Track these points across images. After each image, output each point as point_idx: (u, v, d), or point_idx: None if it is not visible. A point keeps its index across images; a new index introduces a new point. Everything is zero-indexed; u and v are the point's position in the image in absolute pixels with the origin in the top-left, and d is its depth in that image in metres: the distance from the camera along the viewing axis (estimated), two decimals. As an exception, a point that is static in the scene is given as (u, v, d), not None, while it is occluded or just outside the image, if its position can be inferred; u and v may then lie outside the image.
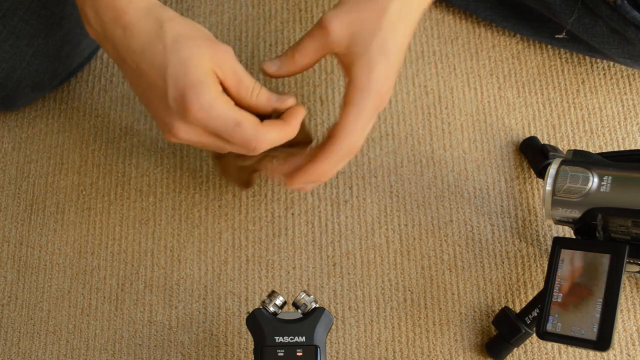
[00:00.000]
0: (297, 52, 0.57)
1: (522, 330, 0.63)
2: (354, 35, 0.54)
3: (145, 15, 0.53)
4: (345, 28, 0.54)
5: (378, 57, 0.54)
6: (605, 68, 0.77)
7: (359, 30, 0.54)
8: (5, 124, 0.79)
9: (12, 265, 0.73)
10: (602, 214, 0.55)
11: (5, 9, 0.67)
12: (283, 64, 0.58)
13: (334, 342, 0.68)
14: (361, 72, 0.54)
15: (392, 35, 0.55)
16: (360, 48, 0.54)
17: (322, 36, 0.55)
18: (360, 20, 0.54)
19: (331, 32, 0.54)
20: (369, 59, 0.54)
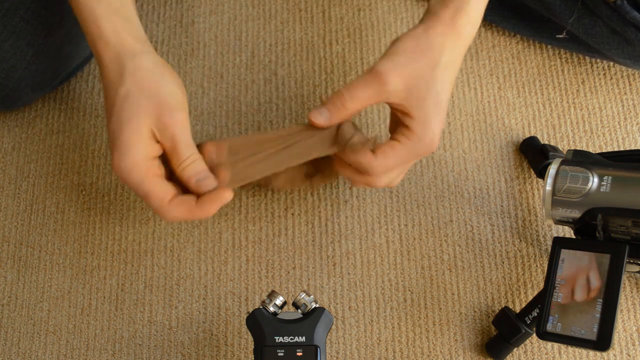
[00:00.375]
0: (349, 99, 0.57)
1: (522, 330, 0.63)
2: (410, 88, 0.56)
3: (115, 61, 0.56)
4: (402, 81, 0.55)
5: (433, 111, 0.56)
6: (605, 68, 0.77)
7: (416, 84, 0.56)
8: (5, 124, 0.79)
9: (12, 265, 0.73)
10: (602, 214, 0.55)
11: (5, 9, 0.67)
12: (333, 114, 0.58)
13: (334, 342, 0.68)
14: (417, 125, 0.57)
15: (443, 87, 0.57)
16: (416, 101, 0.56)
17: (379, 86, 0.56)
18: (416, 73, 0.56)
19: (388, 84, 0.55)
20: (425, 114, 0.56)
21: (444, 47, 0.56)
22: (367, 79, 0.57)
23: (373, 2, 0.81)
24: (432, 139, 0.57)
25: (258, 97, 0.78)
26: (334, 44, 0.79)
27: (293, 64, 0.79)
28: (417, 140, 0.57)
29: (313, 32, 0.80)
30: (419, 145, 0.57)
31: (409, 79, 0.56)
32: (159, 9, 0.82)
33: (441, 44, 0.56)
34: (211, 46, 0.80)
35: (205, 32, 0.81)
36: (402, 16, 0.80)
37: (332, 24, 0.80)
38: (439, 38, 0.56)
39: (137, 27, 0.59)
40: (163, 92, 0.56)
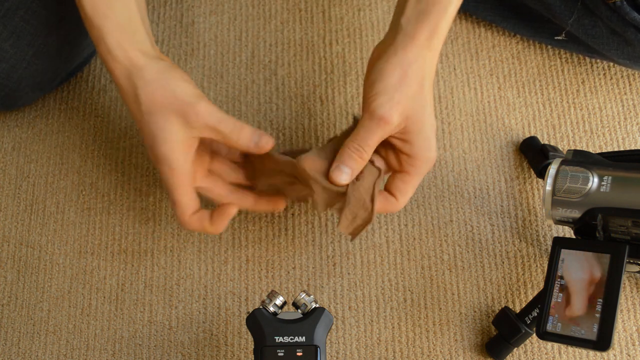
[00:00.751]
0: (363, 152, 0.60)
1: (522, 330, 0.63)
2: (409, 118, 0.58)
3: (126, 78, 0.59)
4: (401, 114, 0.58)
5: (430, 132, 0.59)
6: (605, 68, 0.77)
7: (412, 112, 0.58)
8: (5, 124, 0.79)
9: (12, 265, 0.73)
10: (602, 214, 0.55)
11: (5, 9, 0.67)
12: (354, 168, 0.60)
13: (334, 342, 0.68)
14: (422, 147, 0.59)
15: (431, 104, 0.59)
16: (416, 126, 0.59)
17: (384, 128, 0.58)
18: (411, 104, 0.58)
19: (392, 123, 0.58)
20: (426, 135, 0.59)
21: (424, 71, 0.59)
22: (371, 126, 0.59)
23: (373, 2, 0.81)
24: (435, 155, 0.60)
25: (258, 97, 0.78)
26: (334, 44, 0.79)
27: (293, 64, 0.79)
28: (424, 163, 0.60)
29: (313, 32, 0.80)
30: (426, 167, 0.61)
31: (403, 109, 0.58)
32: (159, 9, 0.82)
33: (422, 68, 0.59)
34: (211, 46, 0.80)
35: (205, 32, 0.81)
36: (402, 16, 0.80)
37: (332, 24, 0.80)
38: (419, 62, 0.58)
39: (143, 40, 0.60)
40: (177, 93, 0.59)
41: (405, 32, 0.59)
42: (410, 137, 0.59)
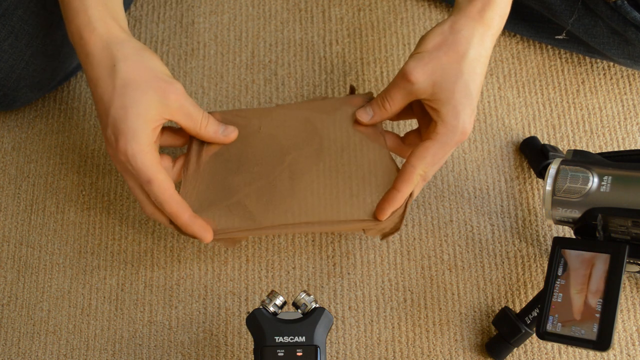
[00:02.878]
0: (386, 101, 0.62)
1: (522, 330, 0.63)
2: (436, 83, 0.58)
3: (103, 49, 0.58)
4: (427, 77, 0.58)
5: (463, 101, 0.58)
6: (605, 68, 0.77)
7: (442, 78, 0.58)
8: (5, 124, 0.79)
9: (12, 265, 0.73)
10: (602, 214, 0.55)
11: (4, 9, 0.67)
12: (376, 113, 0.63)
13: (334, 342, 0.68)
14: (448, 115, 0.58)
15: (472, 78, 0.58)
16: (445, 94, 0.58)
17: (407, 86, 0.59)
18: (441, 68, 0.58)
19: (415, 82, 0.58)
20: (455, 105, 0.58)
21: (471, 41, 0.58)
22: (397, 80, 0.60)
23: (373, 2, 0.81)
24: (464, 129, 0.59)
25: (258, 97, 0.78)
26: (334, 44, 0.79)
27: (293, 64, 0.79)
28: (449, 131, 0.59)
29: (313, 32, 0.80)
30: (451, 136, 0.59)
31: (433, 74, 0.58)
32: (159, 9, 0.82)
33: (468, 38, 0.58)
34: (211, 46, 0.80)
35: (205, 32, 0.81)
36: (402, 16, 0.80)
37: (332, 24, 0.80)
38: (465, 32, 0.58)
39: (123, 19, 0.62)
40: (156, 71, 0.59)
41: (459, 6, 0.60)
42: (437, 105, 0.59)
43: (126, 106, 0.57)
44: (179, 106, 0.60)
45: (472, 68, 0.58)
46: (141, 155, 0.58)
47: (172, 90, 0.59)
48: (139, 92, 0.58)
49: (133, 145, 0.57)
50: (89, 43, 0.59)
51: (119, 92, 0.57)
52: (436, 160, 0.60)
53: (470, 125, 0.59)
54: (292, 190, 0.63)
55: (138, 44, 0.60)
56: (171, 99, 0.59)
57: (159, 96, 0.58)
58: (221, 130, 0.64)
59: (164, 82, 0.59)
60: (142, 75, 0.58)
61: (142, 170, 0.58)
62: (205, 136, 0.63)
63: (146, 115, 0.58)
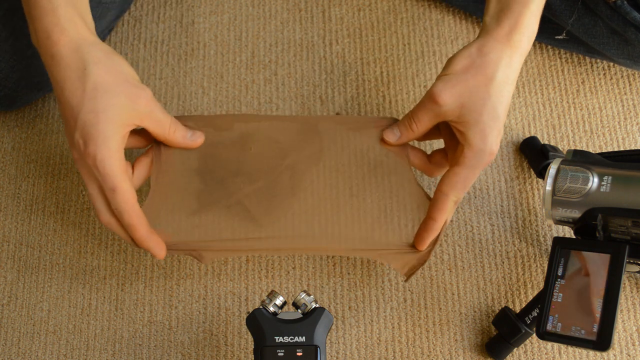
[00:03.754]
0: (413, 122, 0.62)
1: (522, 330, 0.63)
2: (464, 105, 0.58)
3: (73, 51, 0.57)
4: (455, 99, 0.58)
5: (490, 123, 0.58)
6: (605, 68, 0.77)
7: (469, 101, 0.58)
8: (5, 124, 0.79)
9: (12, 265, 0.73)
10: (602, 214, 0.55)
11: (5, 9, 0.67)
12: (403, 134, 0.64)
13: (334, 342, 0.68)
14: (476, 138, 0.58)
15: (500, 100, 0.58)
16: (472, 117, 0.58)
17: (434, 108, 0.59)
18: (469, 90, 0.58)
19: (442, 105, 0.59)
20: (482, 127, 0.58)
21: (499, 64, 0.58)
22: (425, 102, 0.60)
23: (373, 2, 0.81)
24: (491, 150, 0.59)
25: (258, 97, 0.78)
26: (334, 44, 0.79)
27: (293, 64, 0.79)
28: (477, 155, 0.59)
29: (313, 32, 0.80)
30: (479, 159, 0.59)
31: (461, 97, 0.58)
32: (159, 9, 0.82)
33: (496, 61, 0.58)
34: (211, 46, 0.80)
35: (205, 32, 0.81)
36: (402, 16, 0.80)
37: (332, 24, 0.80)
38: (493, 55, 0.58)
39: (91, 21, 0.61)
40: (127, 75, 0.59)
41: (487, 29, 0.60)
42: (464, 127, 0.59)
43: (97, 110, 0.56)
44: (149, 112, 0.59)
45: (500, 91, 0.58)
46: (110, 162, 0.57)
47: (142, 95, 0.58)
48: (110, 97, 0.57)
49: (103, 150, 0.56)
50: (57, 44, 0.57)
51: (90, 96, 0.56)
52: (466, 185, 0.61)
53: (497, 146, 0.59)
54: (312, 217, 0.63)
55: (107, 47, 0.59)
56: (141, 104, 0.58)
57: (129, 101, 0.58)
58: (189, 135, 0.64)
59: (135, 87, 0.58)
60: (113, 79, 0.57)
61: (109, 177, 0.57)
62: (173, 141, 0.63)
63: (117, 121, 0.57)
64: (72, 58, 0.57)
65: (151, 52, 0.80)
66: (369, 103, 0.77)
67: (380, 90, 0.77)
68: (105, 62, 0.58)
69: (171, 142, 0.63)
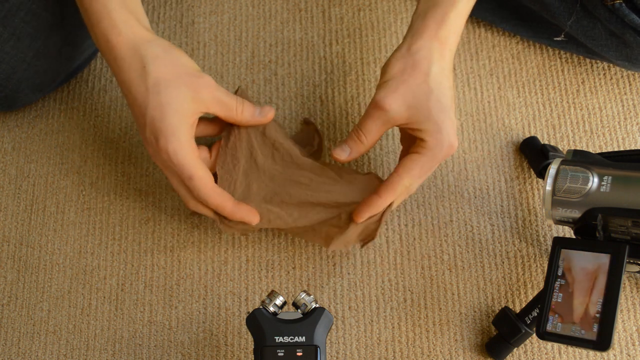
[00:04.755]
0: (362, 135, 0.62)
1: (522, 330, 0.63)
2: (410, 106, 0.59)
3: (132, 51, 0.59)
4: (400, 103, 0.59)
5: (440, 115, 0.59)
6: (605, 68, 0.77)
7: (414, 100, 0.59)
8: (5, 124, 0.79)
9: (12, 265, 0.73)
10: (602, 214, 0.55)
11: (6, 10, 0.67)
12: (353, 149, 0.63)
13: (334, 342, 0.68)
14: (431, 134, 0.59)
15: (442, 92, 0.59)
16: (421, 114, 0.59)
17: (381, 115, 0.60)
18: (410, 90, 0.59)
19: (389, 110, 0.59)
20: (434, 121, 0.59)
21: (431, 59, 0.59)
22: (371, 112, 0.61)
23: (373, 2, 0.81)
24: (450, 142, 0.60)
25: (258, 97, 0.78)
26: (334, 44, 0.79)
27: (293, 64, 0.79)
28: (435, 147, 0.60)
29: (313, 32, 0.80)
30: (439, 149, 0.60)
31: (405, 98, 0.59)
32: (159, 9, 0.82)
33: (427, 57, 0.59)
34: (211, 46, 0.80)
35: (205, 32, 0.81)
36: (402, 16, 0.80)
37: (332, 24, 0.80)
38: (423, 52, 0.60)
39: (145, 18, 0.62)
40: (186, 67, 0.60)
41: (414, 27, 0.61)
42: (418, 125, 0.60)
43: (162, 105, 0.58)
44: (213, 98, 0.60)
45: (439, 83, 0.59)
46: (182, 152, 0.59)
47: (203, 84, 0.60)
48: (172, 90, 0.58)
49: (173, 143, 0.58)
50: (116, 47, 0.59)
51: (153, 92, 0.58)
52: (422, 173, 0.61)
53: (454, 137, 0.60)
54: None
55: (165, 42, 0.61)
56: (204, 92, 0.60)
57: (192, 91, 0.59)
58: (257, 112, 0.64)
59: (195, 77, 0.60)
60: (173, 72, 0.59)
61: (184, 167, 0.59)
62: (242, 121, 0.63)
63: (182, 112, 0.59)
64: (131, 58, 0.59)
65: (151, 52, 0.80)
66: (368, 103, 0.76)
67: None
68: (163, 57, 0.59)
69: (240, 122, 0.64)
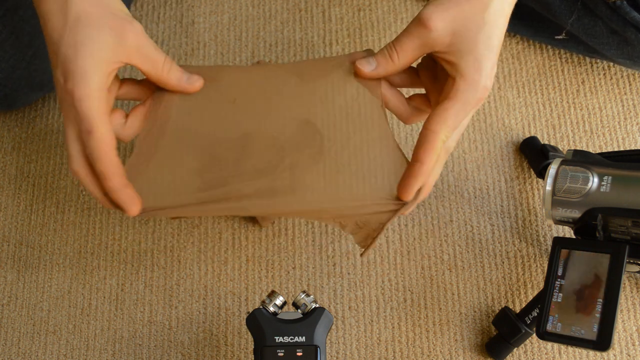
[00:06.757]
0: (395, 51, 0.55)
1: (522, 330, 0.63)
2: (457, 32, 0.52)
3: None
4: (447, 25, 0.52)
5: (485, 53, 0.52)
6: (605, 68, 0.77)
7: (463, 27, 0.52)
8: (5, 124, 0.79)
9: (12, 265, 0.73)
10: (602, 214, 0.55)
11: (5, 9, 0.67)
12: (380, 64, 0.56)
13: (334, 342, 0.68)
14: (470, 68, 0.52)
15: (495, 31, 0.53)
16: (466, 45, 0.52)
17: (423, 33, 0.53)
18: (463, 16, 0.52)
19: (433, 30, 0.52)
20: (477, 57, 0.52)
21: None
22: (410, 28, 0.54)
23: (373, 2, 0.81)
24: (485, 84, 0.53)
25: (258, 97, 0.78)
26: (334, 44, 0.79)
27: (293, 64, 0.79)
28: (470, 87, 0.52)
29: (313, 32, 0.80)
30: (472, 93, 0.53)
31: (454, 22, 0.52)
32: (159, 9, 0.82)
33: None
34: (211, 46, 0.80)
35: (205, 32, 0.81)
36: (402, 16, 0.80)
37: (332, 24, 0.80)
38: None
39: None
40: (114, 8, 0.53)
41: None
42: (456, 57, 0.53)
43: (77, 44, 0.51)
44: (137, 46, 0.53)
45: (495, 20, 0.52)
46: (88, 101, 0.51)
47: (130, 29, 0.53)
48: (92, 29, 0.51)
49: (81, 87, 0.51)
50: None
51: (71, 28, 0.51)
52: (457, 122, 0.53)
53: (491, 81, 0.53)
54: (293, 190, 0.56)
55: None
56: (129, 38, 0.52)
57: (115, 35, 0.52)
58: (185, 78, 0.57)
59: (122, 20, 0.52)
60: (98, 10, 0.52)
61: (86, 117, 0.51)
62: (167, 82, 0.57)
63: (99, 56, 0.51)
64: None
65: (151, 52, 0.80)
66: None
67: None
68: None
69: (165, 83, 0.57)
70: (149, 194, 0.56)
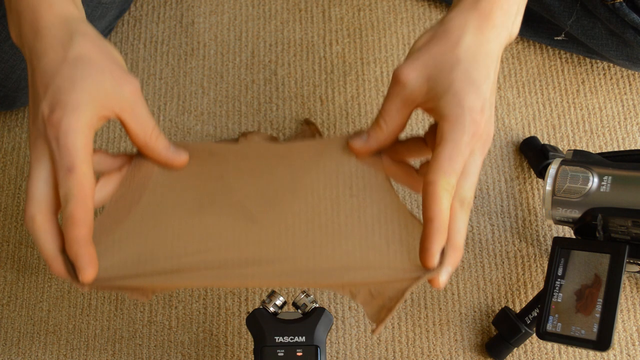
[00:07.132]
0: (382, 118, 0.52)
1: (522, 330, 0.63)
2: (431, 76, 0.49)
3: (61, 24, 0.50)
4: (420, 73, 0.49)
5: (465, 88, 0.48)
6: (605, 68, 0.77)
7: (435, 70, 0.49)
8: (5, 124, 0.79)
9: (12, 265, 0.73)
10: (602, 214, 0.55)
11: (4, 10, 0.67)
12: (371, 135, 0.52)
13: (334, 342, 0.68)
14: (449, 106, 0.48)
15: (474, 66, 0.48)
16: (441, 86, 0.48)
17: (400, 91, 0.50)
18: (433, 60, 0.49)
19: (407, 83, 0.49)
20: (454, 92, 0.48)
21: (464, 28, 0.49)
22: (389, 90, 0.51)
23: (373, 2, 0.81)
24: (472, 117, 0.47)
25: (258, 97, 0.78)
26: (334, 44, 0.79)
27: (293, 64, 0.79)
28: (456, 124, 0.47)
29: (313, 32, 0.80)
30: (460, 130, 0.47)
31: (426, 68, 0.49)
32: (159, 9, 0.82)
33: (460, 26, 0.49)
34: (211, 46, 0.80)
35: (205, 32, 0.81)
36: (402, 16, 0.80)
37: (332, 24, 0.80)
38: (456, 21, 0.50)
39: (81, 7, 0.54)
40: (116, 59, 0.51)
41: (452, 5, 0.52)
42: (434, 101, 0.48)
43: (75, 77, 0.47)
44: (132, 103, 0.49)
45: (472, 55, 0.48)
46: (75, 135, 0.46)
47: (130, 81, 0.49)
48: (92, 69, 0.48)
49: (71, 119, 0.46)
50: (44, 17, 0.49)
51: (70, 63, 0.48)
52: (456, 166, 0.48)
53: (480, 112, 0.47)
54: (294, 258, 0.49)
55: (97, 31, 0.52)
56: (126, 90, 0.49)
57: (114, 82, 0.48)
58: (172, 149, 0.52)
59: (123, 71, 0.50)
60: (101, 55, 0.49)
61: (69, 153, 0.46)
62: (153, 149, 0.51)
63: (96, 94, 0.48)
64: (58, 30, 0.49)
65: (151, 52, 0.80)
66: (369, 103, 0.77)
67: (380, 90, 0.77)
68: (94, 37, 0.50)
69: (151, 149, 0.52)
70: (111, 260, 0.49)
